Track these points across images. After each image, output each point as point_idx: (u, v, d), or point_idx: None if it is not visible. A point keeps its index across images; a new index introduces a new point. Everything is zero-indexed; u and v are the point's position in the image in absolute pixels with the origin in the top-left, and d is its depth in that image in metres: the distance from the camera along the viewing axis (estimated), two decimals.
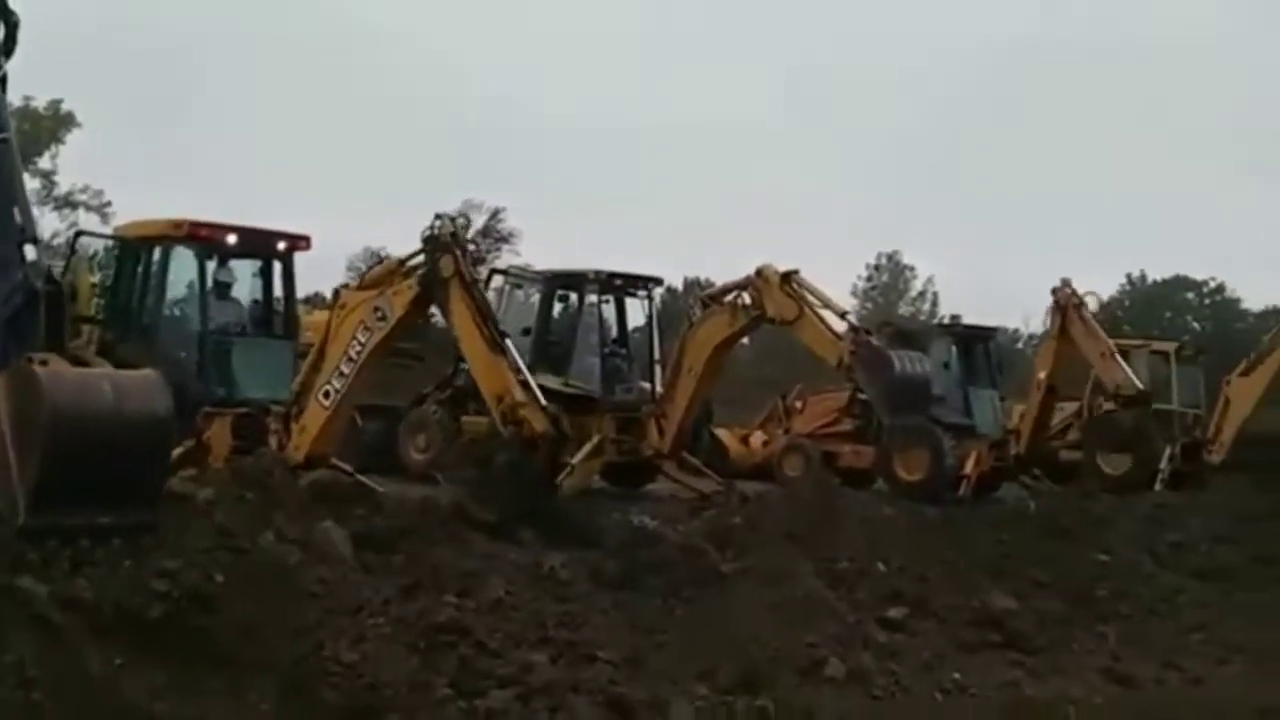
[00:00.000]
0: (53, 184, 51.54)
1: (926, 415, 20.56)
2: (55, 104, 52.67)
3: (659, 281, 20.39)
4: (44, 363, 5.64)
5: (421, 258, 12.48)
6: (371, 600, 7.96)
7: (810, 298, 18.30)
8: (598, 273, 19.81)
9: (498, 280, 20.28)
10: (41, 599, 7.59)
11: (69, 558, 7.26)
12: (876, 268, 65.31)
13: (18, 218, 6.00)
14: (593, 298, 19.73)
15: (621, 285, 20.14)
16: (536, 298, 20.28)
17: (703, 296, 19.77)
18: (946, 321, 28.05)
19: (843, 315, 18.65)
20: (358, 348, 12.60)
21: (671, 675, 8.42)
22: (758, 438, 25.02)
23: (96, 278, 17.73)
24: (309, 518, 8.99)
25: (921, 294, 64.78)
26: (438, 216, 12.41)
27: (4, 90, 6.37)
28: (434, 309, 13.23)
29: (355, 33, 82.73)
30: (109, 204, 51.46)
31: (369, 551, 8.91)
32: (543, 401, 12.36)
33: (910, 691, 9.28)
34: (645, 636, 9.18)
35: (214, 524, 8.28)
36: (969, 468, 20.67)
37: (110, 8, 71.10)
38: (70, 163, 52.71)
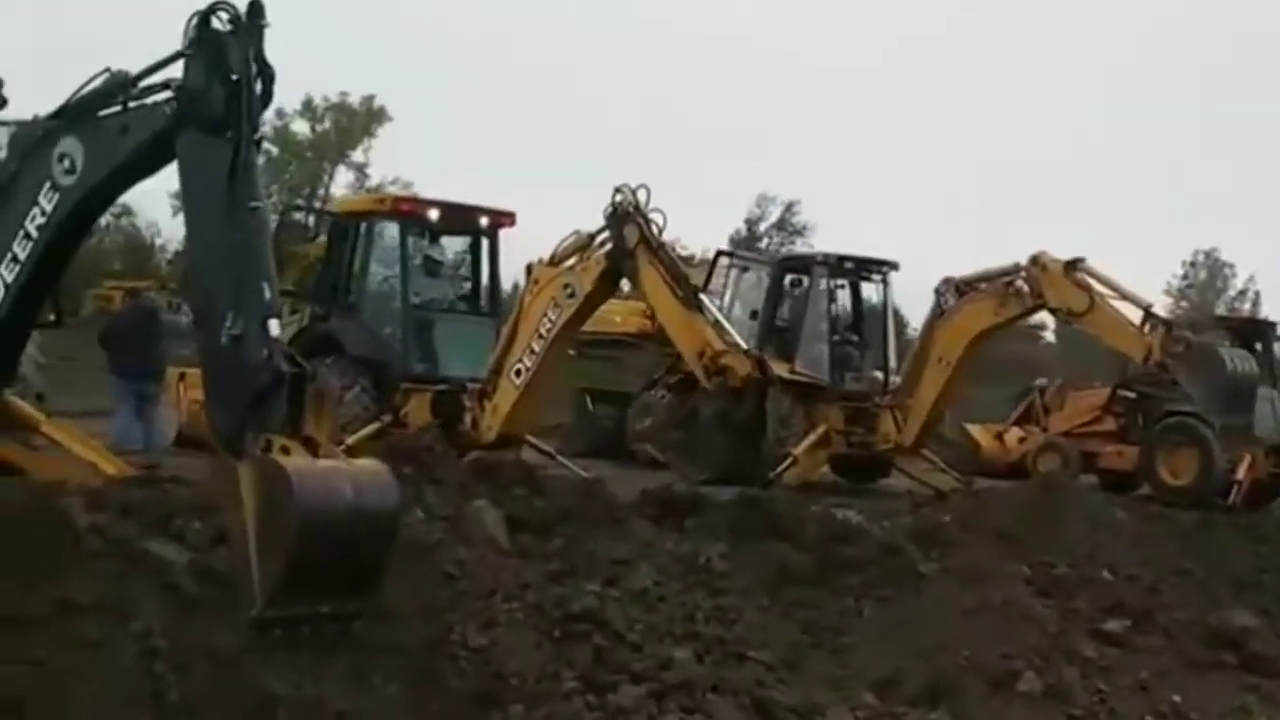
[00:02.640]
0: (365, 176, 53.97)
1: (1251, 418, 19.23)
2: (369, 99, 55.45)
3: (895, 265, 19.58)
4: (285, 450, 5.67)
5: (608, 234, 12.32)
6: (509, 584, 7.73)
7: (1100, 288, 17.33)
8: (827, 255, 19.24)
9: (723, 262, 19.88)
10: (179, 567, 7.72)
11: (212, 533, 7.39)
12: (1193, 264, 63.25)
13: (266, 292, 5.99)
14: (823, 281, 19.13)
15: (854, 269, 19.48)
16: (765, 281, 19.84)
17: (958, 283, 18.91)
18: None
19: (1147, 308, 17.50)
20: (548, 325, 12.52)
21: (834, 680, 7.95)
22: (1014, 434, 23.98)
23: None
24: (464, 496, 8.83)
25: (1242, 292, 62.65)
26: (618, 190, 12.23)
27: (258, 152, 6.36)
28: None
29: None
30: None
31: (525, 534, 8.69)
32: (744, 346, 12.04)
33: (1116, 713, 8.56)
34: (830, 636, 8.80)
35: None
36: (1241, 473, 19.18)
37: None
38: (382, 155, 55.09)
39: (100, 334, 15.22)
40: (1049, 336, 51.06)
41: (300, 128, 56.41)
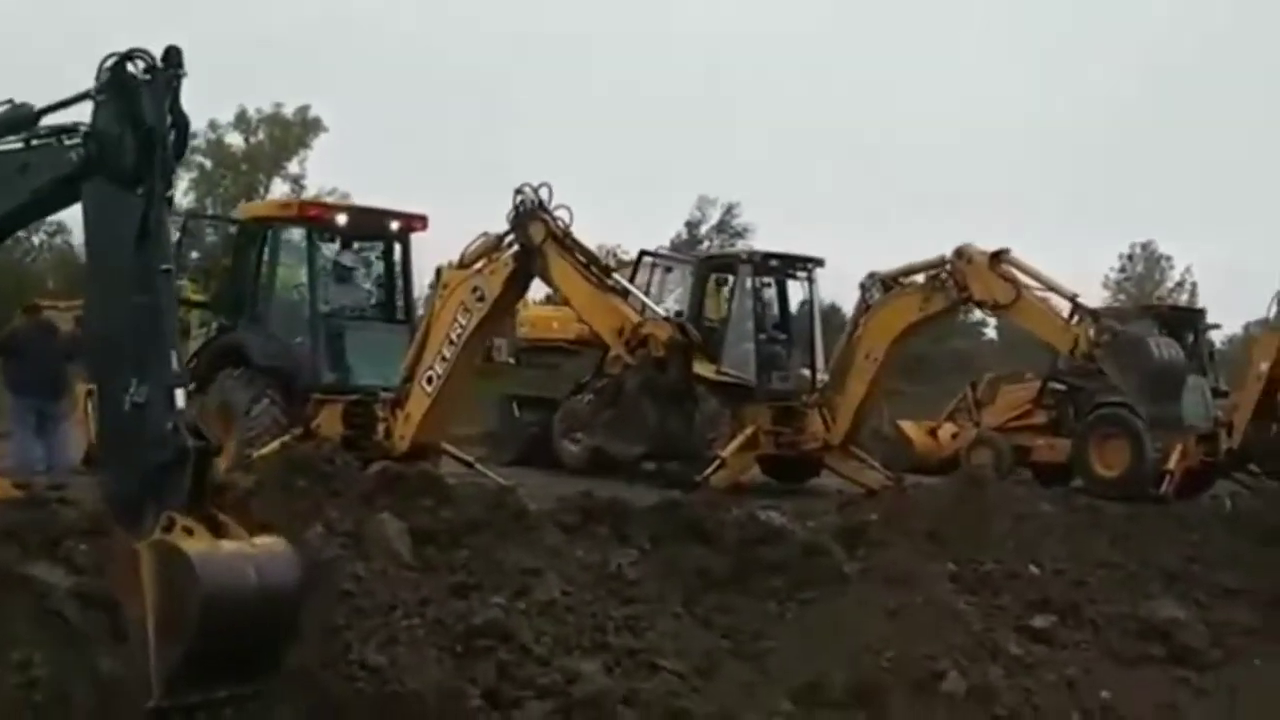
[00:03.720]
0: (301, 188, 53.50)
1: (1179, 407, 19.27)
2: (303, 110, 55.01)
3: (820, 262, 19.51)
4: (188, 530, 5.42)
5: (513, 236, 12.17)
6: (408, 600, 7.51)
7: (1025, 279, 17.29)
8: (752, 253, 19.21)
9: (647, 262, 19.74)
10: (61, 593, 7.45)
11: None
12: (1130, 257, 63.91)
13: (173, 360, 5.71)
14: (748, 280, 19.03)
15: (779, 267, 19.39)
16: (690, 280, 19.72)
17: (882, 278, 18.84)
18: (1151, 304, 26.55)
19: (1073, 298, 17.45)
20: (459, 330, 12.31)
21: (751, 687, 7.79)
22: (947, 430, 24.04)
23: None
24: (367, 509, 8.60)
25: (1180, 284, 62.96)
26: (518, 190, 12.08)
27: (169, 210, 6.04)
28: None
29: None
30: None
31: (430, 546, 8.47)
32: (662, 314, 11.88)
33: (1042, 711, 8.45)
34: (750, 641, 8.64)
35: (250, 515, 7.98)
36: (1173, 463, 19.27)
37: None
38: (317, 167, 54.66)
39: None
40: (990, 333, 51.58)
41: (234, 140, 56.01)
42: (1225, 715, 8.95)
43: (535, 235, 11.97)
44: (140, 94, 5.81)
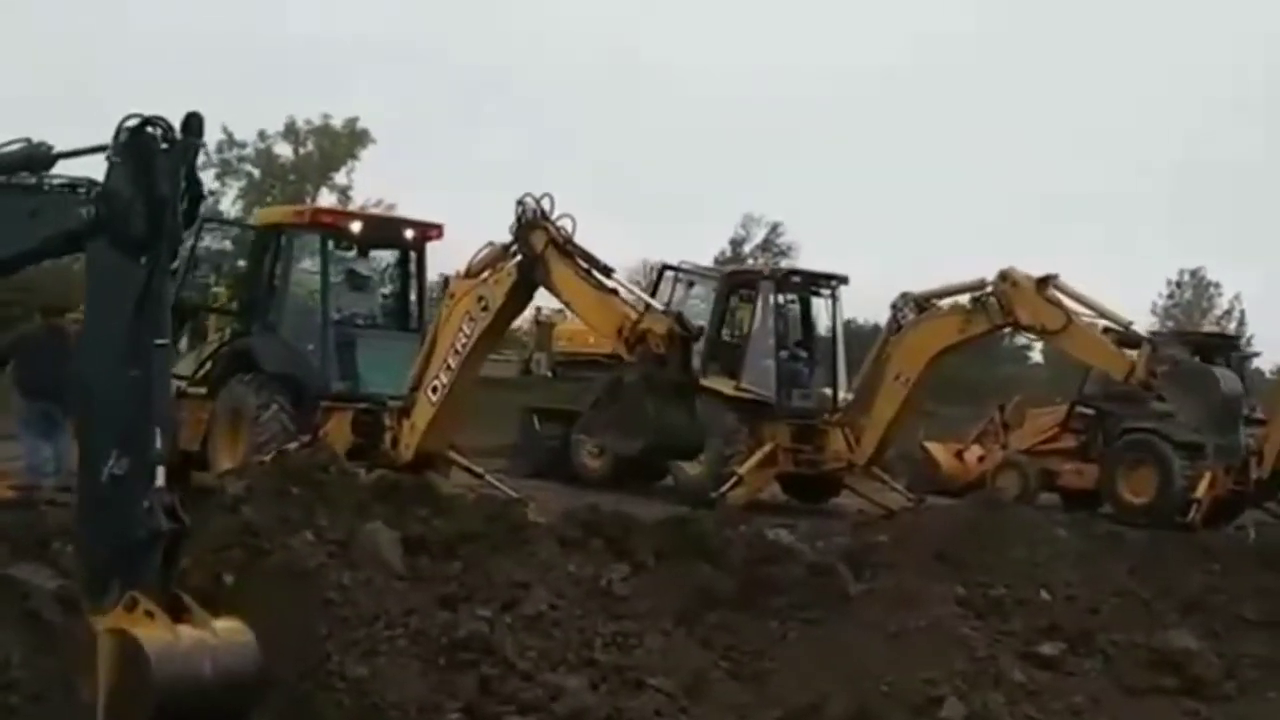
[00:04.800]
0: (348, 199, 54.02)
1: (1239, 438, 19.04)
2: (351, 121, 55.55)
3: (844, 280, 19.46)
4: (149, 614, 5.39)
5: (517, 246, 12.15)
6: (393, 610, 7.44)
7: (1073, 305, 17.13)
8: (774, 269, 19.24)
9: (669, 277, 19.69)
10: (43, 594, 7.44)
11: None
12: (1178, 284, 63.62)
13: (157, 438, 5.65)
14: (770, 296, 18.98)
15: (802, 284, 19.35)
16: (712, 296, 19.68)
17: (916, 298, 18.74)
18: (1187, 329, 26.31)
19: (1127, 326, 17.27)
20: (463, 339, 12.29)
21: (741, 708, 7.68)
22: (974, 453, 23.91)
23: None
24: (361, 518, 8.54)
25: (1228, 312, 63.32)
26: (520, 201, 12.07)
27: (172, 278, 5.97)
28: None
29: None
30: None
31: (422, 557, 8.40)
32: (659, 307, 11.81)
33: None
34: (750, 661, 8.54)
35: (239, 521, 7.95)
36: (1201, 491, 19.05)
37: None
38: (365, 178, 55.30)
39: (5, 345, 14.85)
40: (1036, 357, 51.41)
41: (283, 150, 56.56)
42: None
43: (537, 244, 11.95)
44: (156, 161, 5.66)
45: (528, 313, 19.02)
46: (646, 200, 74.91)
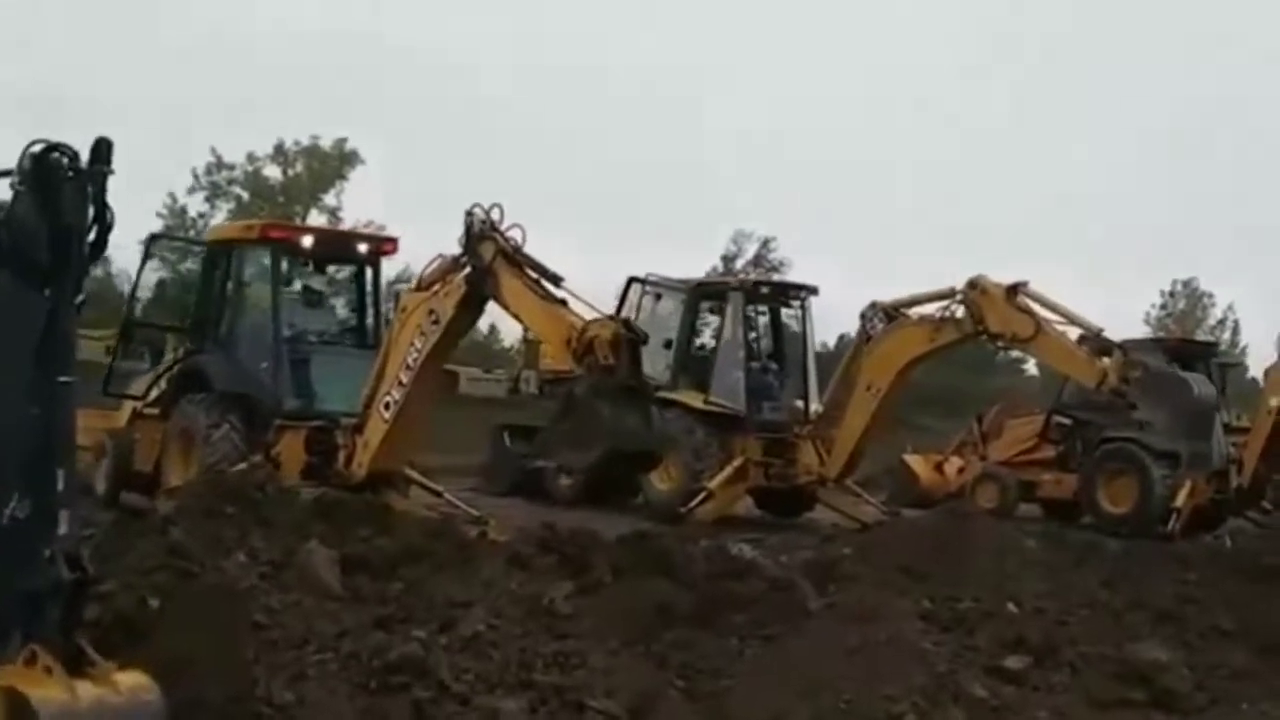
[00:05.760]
0: (338, 219, 53.79)
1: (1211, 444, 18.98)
2: (340, 142, 55.34)
3: (813, 290, 19.30)
4: (47, 669, 5.14)
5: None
6: (325, 632, 7.22)
7: (1044, 312, 17.00)
8: (743, 280, 19.05)
9: (636, 289, 19.49)
10: None
11: None
12: (1171, 294, 63.84)
13: (60, 480, 5.39)
14: (739, 307, 18.79)
15: (771, 294, 19.19)
16: (680, 308, 19.48)
17: (885, 308, 18.59)
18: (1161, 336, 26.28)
19: (1098, 334, 17.15)
20: (414, 354, 12.08)
21: None
22: (953, 464, 23.78)
23: None
24: (296, 538, 8.33)
25: (1221, 321, 63.82)
26: (469, 212, 11.87)
27: (78, 312, 5.69)
28: None
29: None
30: None
31: (361, 576, 8.20)
32: (603, 315, 11.58)
33: None
34: (707, 679, 8.33)
35: (168, 542, 7.74)
36: (1181, 500, 18.90)
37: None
38: (355, 199, 55.02)
39: None
40: (1031, 369, 51.41)
41: (272, 172, 56.38)
42: None
43: (485, 254, 11.74)
44: (62, 190, 5.40)
45: (517, 331, 18.75)
46: (641, 219, 74.84)
